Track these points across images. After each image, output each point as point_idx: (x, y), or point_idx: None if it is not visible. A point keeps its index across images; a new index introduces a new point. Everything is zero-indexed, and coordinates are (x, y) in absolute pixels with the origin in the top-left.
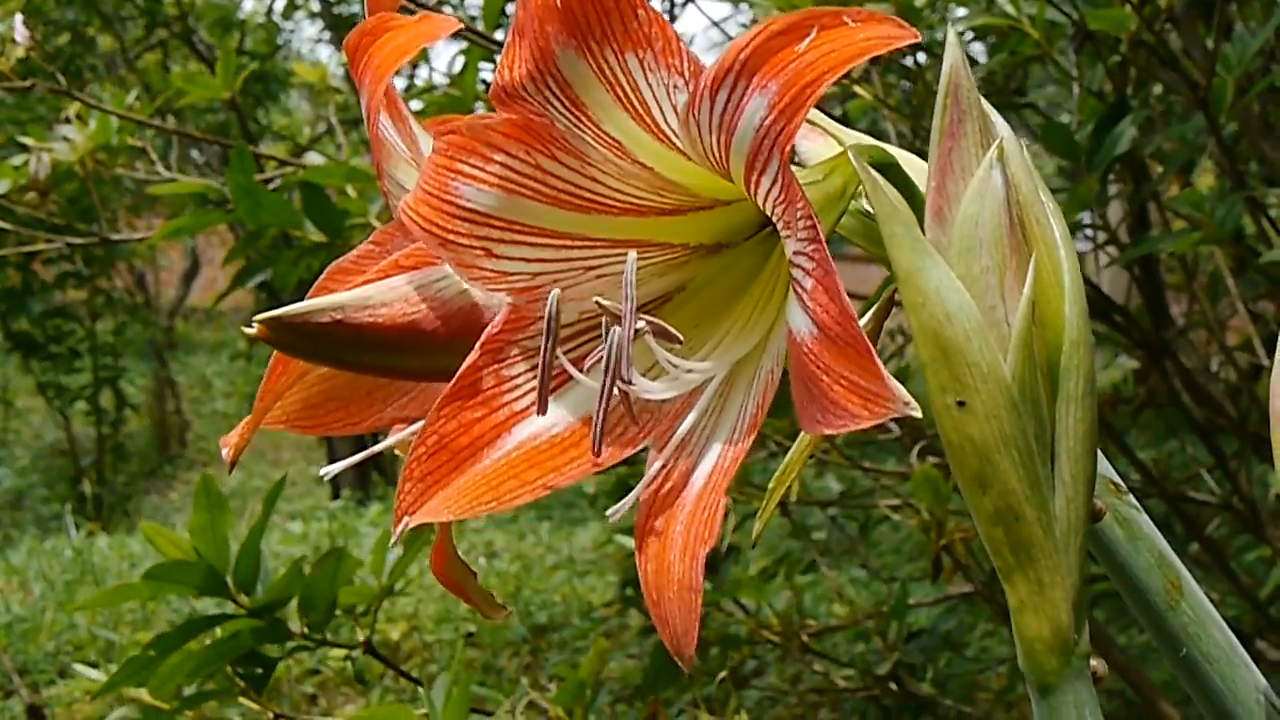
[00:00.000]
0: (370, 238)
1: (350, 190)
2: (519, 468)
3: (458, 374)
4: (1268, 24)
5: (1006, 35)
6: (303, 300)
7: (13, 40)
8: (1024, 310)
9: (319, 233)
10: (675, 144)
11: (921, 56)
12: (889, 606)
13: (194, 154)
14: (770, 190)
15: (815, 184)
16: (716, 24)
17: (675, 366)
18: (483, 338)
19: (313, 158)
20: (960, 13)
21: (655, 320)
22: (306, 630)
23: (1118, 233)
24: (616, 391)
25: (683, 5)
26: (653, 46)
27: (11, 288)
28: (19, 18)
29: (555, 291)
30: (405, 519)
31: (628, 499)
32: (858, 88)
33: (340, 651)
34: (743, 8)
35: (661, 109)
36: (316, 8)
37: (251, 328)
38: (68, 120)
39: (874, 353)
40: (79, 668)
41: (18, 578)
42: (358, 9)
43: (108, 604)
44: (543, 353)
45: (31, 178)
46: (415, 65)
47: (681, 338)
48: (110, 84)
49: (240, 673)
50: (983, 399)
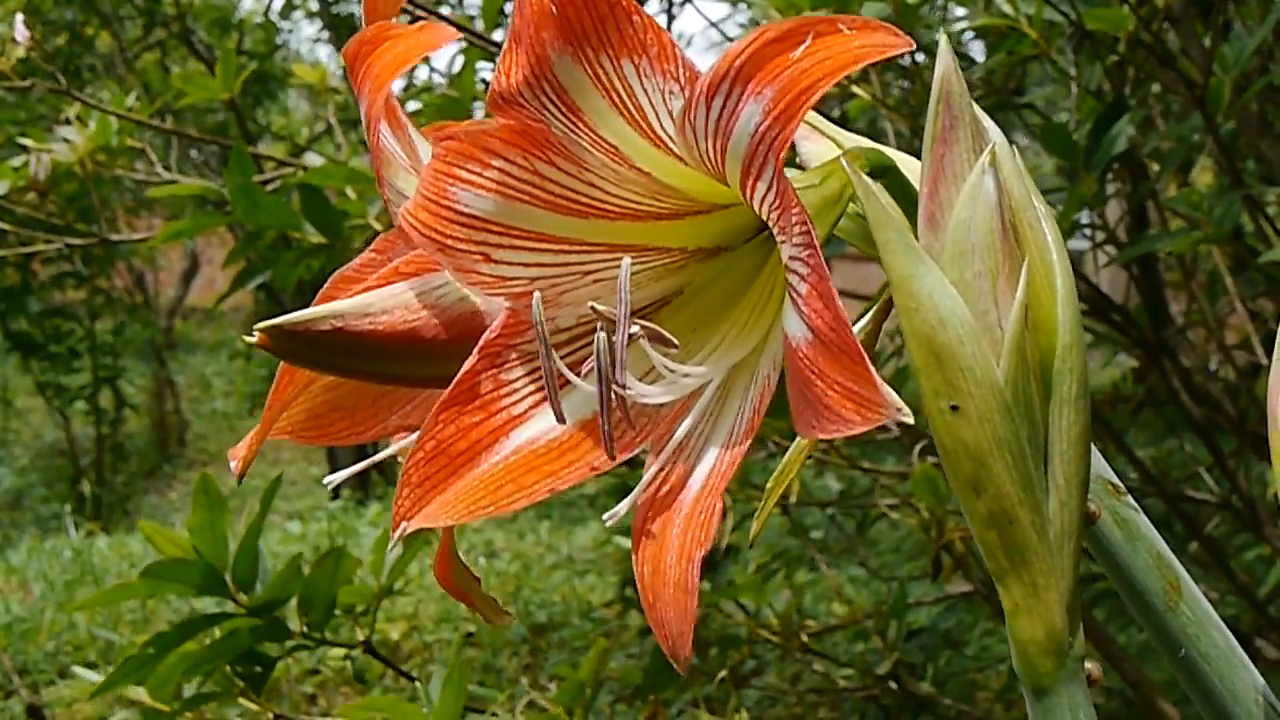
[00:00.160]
0: (372, 246)
1: (350, 192)
2: (517, 472)
3: (456, 379)
4: (1265, 23)
5: (1005, 35)
6: (303, 303)
7: (13, 40)
8: (1017, 314)
9: (318, 234)
10: (672, 149)
11: (920, 56)
12: (888, 605)
13: (192, 154)
14: (766, 196)
15: (812, 188)
16: (715, 24)
17: (671, 371)
18: (481, 342)
19: (311, 158)
20: (959, 12)
21: (650, 325)
22: (306, 629)
23: (1116, 232)
24: (614, 396)
25: (681, 4)
26: (648, 53)
27: (10, 287)
28: (19, 18)
29: (538, 294)
30: (403, 524)
31: (625, 502)
32: (856, 88)
33: (340, 651)
34: (741, 8)
35: (658, 115)
36: (314, 7)
37: (252, 335)
38: (68, 121)
39: (867, 359)
40: (78, 670)
41: (17, 578)
42: (356, 9)
43: (107, 603)
44: (543, 359)
45: (31, 178)
46: (413, 67)
47: (676, 342)
48: (109, 84)
49: (239, 672)
50: (976, 403)
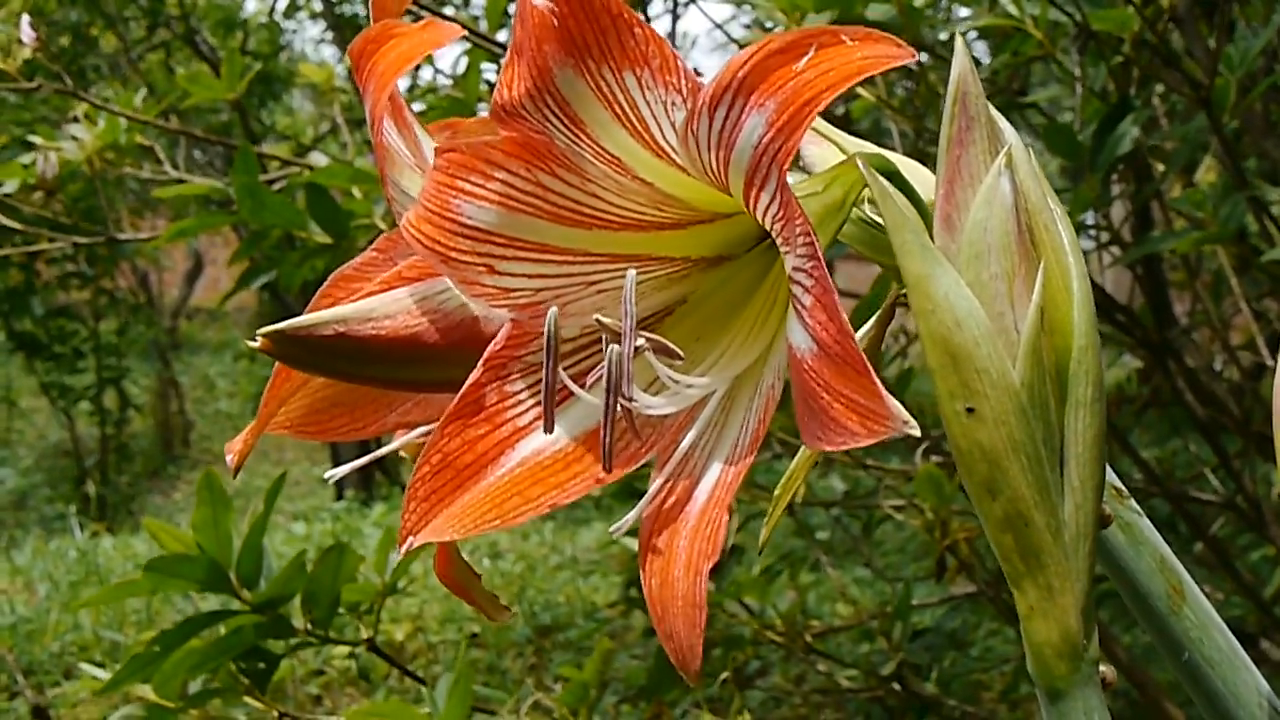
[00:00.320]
0: (374, 245)
1: (355, 191)
2: (523, 484)
3: (461, 392)
4: (1270, 24)
5: (1009, 36)
6: (308, 303)
7: (19, 41)
8: (1033, 316)
9: (323, 234)
10: (674, 160)
11: (924, 56)
12: (893, 606)
13: (196, 154)
14: (769, 207)
15: (815, 195)
16: (719, 26)
17: (676, 382)
18: (485, 355)
19: (316, 158)
20: (963, 13)
21: (655, 337)
22: (310, 627)
23: (1121, 232)
24: (619, 408)
25: (685, 5)
26: (650, 65)
27: (15, 287)
28: (25, 19)
29: (553, 310)
30: (410, 538)
31: (630, 515)
32: (860, 89)
33: (345, 652)
34: (745, 9)
35: (660, 126)
36: (318, 8)
37: (255, 340)
38: (75, 120)
39: (872, 371)
40: (84, 667)
41: (22, 578)
42: (360, 9)
43: (110, 600)
44: (545, 371)
45: (39, 177)
46: (418, 66)
47: (681, 354)
48: (113, 84)
49: (243, 669)
50: (991, 405)
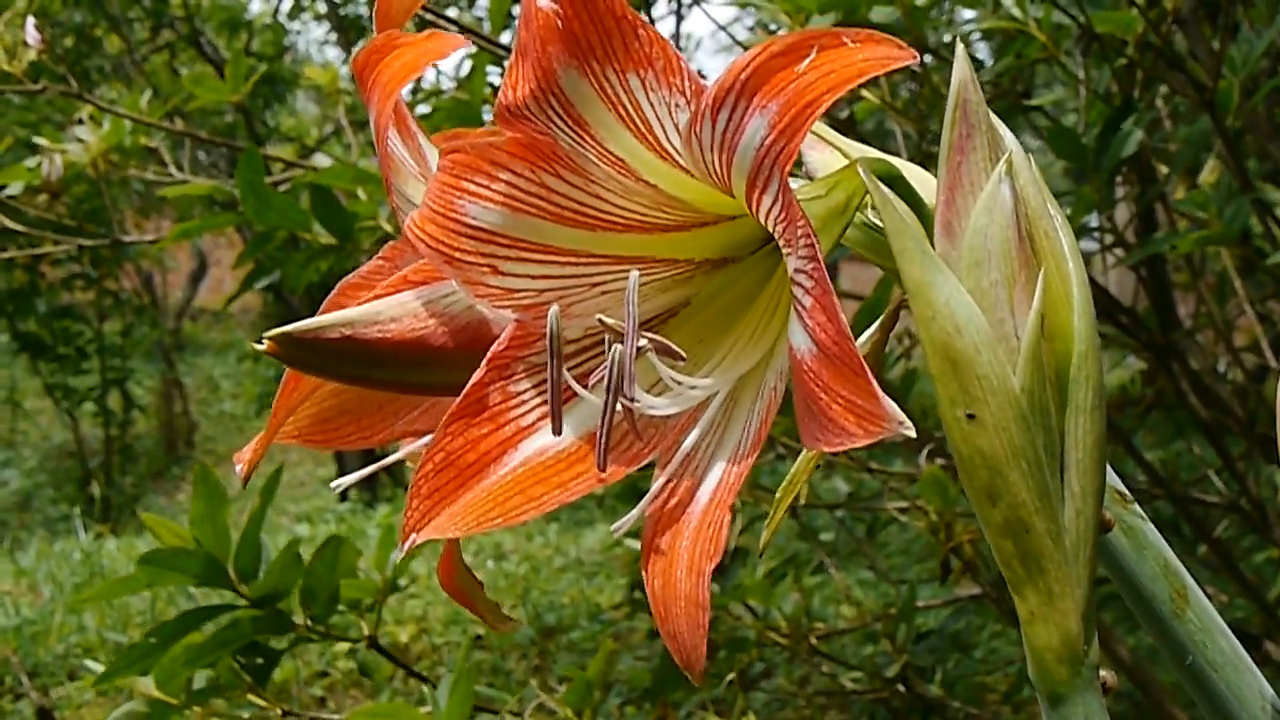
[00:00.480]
0: (380, 253)
1: (360, 193)
2: (525, 483)
3: (464, 391)
4: (1273, 25)
5: (1012, 38)
6: (312, 304)
7: (24, 43)
8: (1033, 323)
9: (328, 235)
10: (678, 162)
11: (928, 58)
12: (897, 608)
13: (200, 155)
14: (771, 209)
15: (818, 199)
16: (723, 27)
17: (678, 383)
18: (489, 355)
19: (320, 159)
20: (967, 15)
21: (657, 338)
22: (309, 623)
23: (1125, 234)
24: (620, 408)
25: (689, 6)
26: (654, 66)
27: (19, 289)
28: (30, 21)
29: (554, 308)
30: (412, 536)
31: (632, 514)
32: (864, 91)
33: (349, 652)
34: (750, 10)
35: (664, 128)
36: (323, 9)
37: (261, 343)
38: (80, 122)
39: (870, 373)
40: (89, 664)
41: (27, 580)
42: (364, 10)
43: (109, 596)
44: (550, 370)
45: (44, 179)
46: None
47: (684, 355)
48: (117, 85)
49: (243, 664)
50: (992, 411)
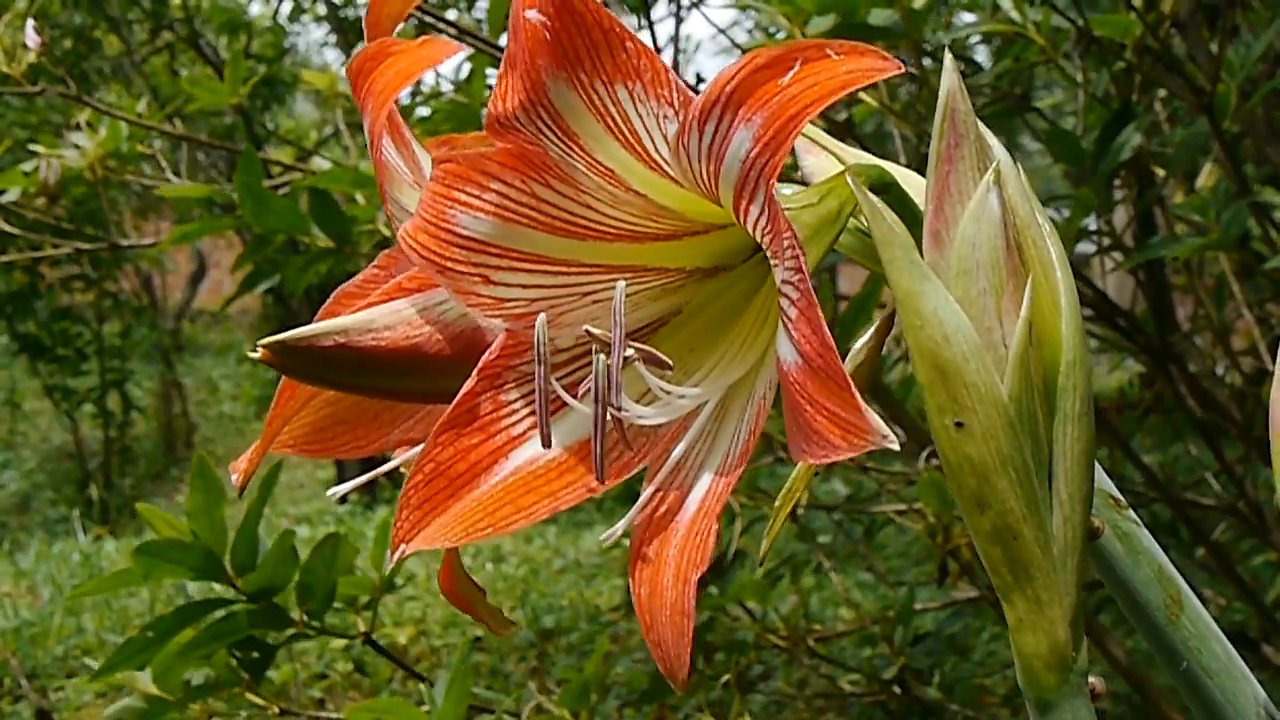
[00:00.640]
0: (375, 262)
1: (358, 196)
2: (515, 493)
3: (455, 401)
4: (1271, 28)
5: (1011, 41)
6: (311, 306)
7: (23, 45)
8: (1021, 331)
9: (326, 238)
10: (667, 172)
11: (926, 61)
12: (895, 611)
13: (199, 157)
14: (758, 220)
15: (810, 207)
16: (722, 30)
17: (667, 393)
18: (479, 364)
19: (319, 162)
20: (966, 18)
21: (644, 347)
22: (305, 619)
23: (1123, 237)
24: (610, 418)
25: (689, 9)
26: (642, 78)
27: (19, 290)
28: (30, 23)
29: (541, 318)
30: (402, 547)
31: (620, 524)
32: (863, 94)
33: (345, 654)
34: (749, 13)
35: (652, 138)
36: (322, 11)
37: (256, 350)
38: (78, 126)
39: (853, 385)
40: (89, 665)
41: (26, 582)
42: (364, 13)
43: (105, 591)
44: (538, 381)
45: (41, 183)
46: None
47: (671, 364)
48: (116, 87)
49: (239, 658)
50: (980, 419)
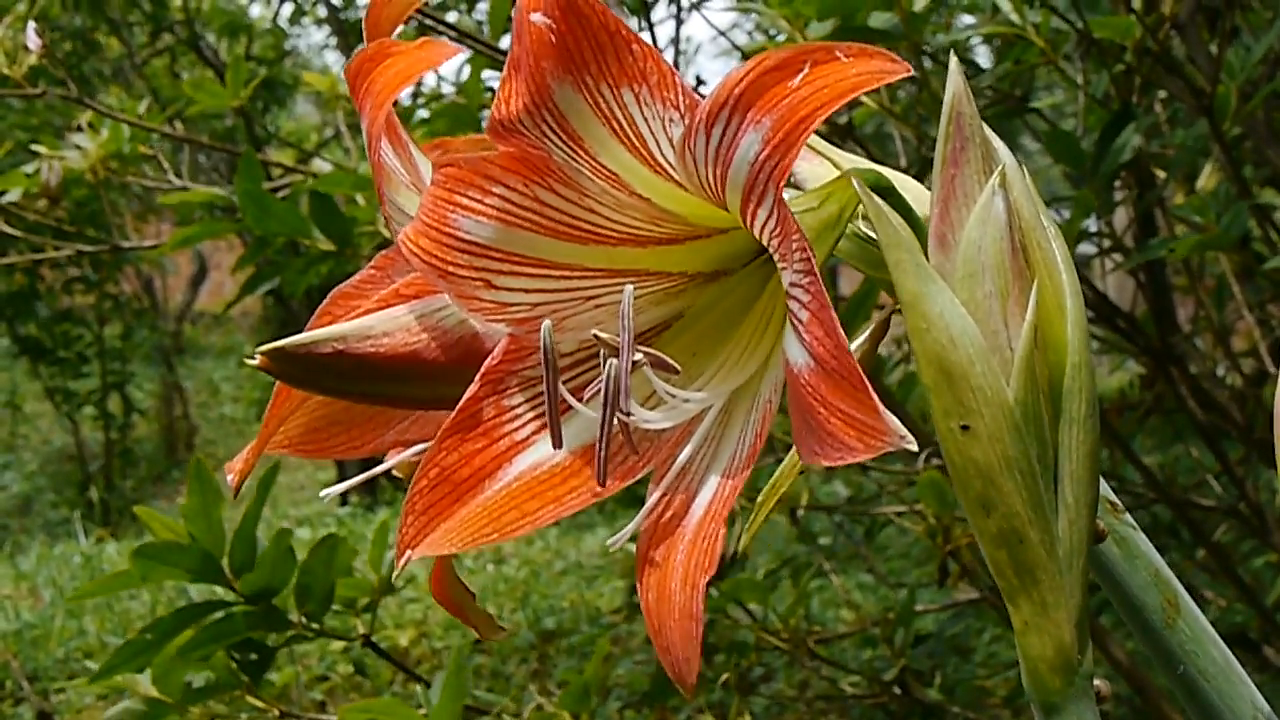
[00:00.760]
0: (372, 263)
1: (359, 198)
2: (520, 498)
3: (458, 406)
4: (1272, 30)
5: (1012, 43)
6: (311, 308)
7: (24, 47)
8: (1026, 334)
9: (327, 241)
10: (672, 176)
11: (926, 63)
12: (896, 612)
13: (200, 160)
14: (766, 223)
15: (810, 211)
16: (722, 33)
17: (673, 396)
18: (482, 369)
19: (319, 164)
20: (966, 19)
21: (652, 351)
22: (304, 620)
23: (1123, 238)
24: (616, 422)
25: (689, 10)
26: (648, 81)
27: (19, 292)
28: (31, 25)
29: (547, 322)
30: (408, 552)
31: (628, 529)
32: (863, 96)
33: (345, 655)
34: (750, 15)
35: (658, 142)
36: (323, 13)
37: (254, 358)
38: (79, 128)
39: (869, 386)
40: (90, 667)
41: (27, 584)
42: (364, 15)
43: (104, 593)
44: (546, 385)
45: (43, 185)
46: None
47: (679, 368)
48: (117, 89)
49: (238, 659)
50: (986, 422)
